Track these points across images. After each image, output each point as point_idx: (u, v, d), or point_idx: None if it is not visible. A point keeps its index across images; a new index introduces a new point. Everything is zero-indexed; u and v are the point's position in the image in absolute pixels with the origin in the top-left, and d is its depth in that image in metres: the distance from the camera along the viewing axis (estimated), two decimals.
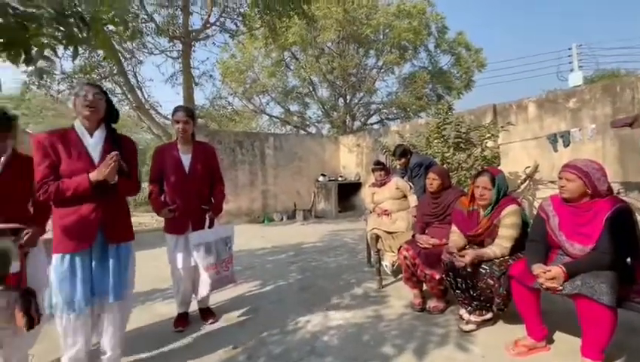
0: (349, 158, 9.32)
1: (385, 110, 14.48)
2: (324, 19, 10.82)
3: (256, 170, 8.28)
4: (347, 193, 8.82)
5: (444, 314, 2.56)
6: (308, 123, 15.34)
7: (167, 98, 31.88)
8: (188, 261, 2.35)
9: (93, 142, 1.73)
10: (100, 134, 1.75)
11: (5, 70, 2.38)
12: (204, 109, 11.43)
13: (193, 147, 2.43)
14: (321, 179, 8.85)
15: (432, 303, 2.59)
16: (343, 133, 11.55)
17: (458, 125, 4.95)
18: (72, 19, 2.31)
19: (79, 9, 2.33)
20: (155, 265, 3.93)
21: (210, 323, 2.54)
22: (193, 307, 2.64)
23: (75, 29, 2.28)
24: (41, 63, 2.53)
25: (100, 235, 1.69)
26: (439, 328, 2.33)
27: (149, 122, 8.53)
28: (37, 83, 8.44)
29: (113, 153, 1.64)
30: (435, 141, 4.95)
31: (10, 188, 1.74)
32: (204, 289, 2.36)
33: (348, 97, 13.56)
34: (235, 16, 8.40)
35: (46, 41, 2.42)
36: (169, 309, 2.81)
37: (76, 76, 8.72)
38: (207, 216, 2.38)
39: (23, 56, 2.32)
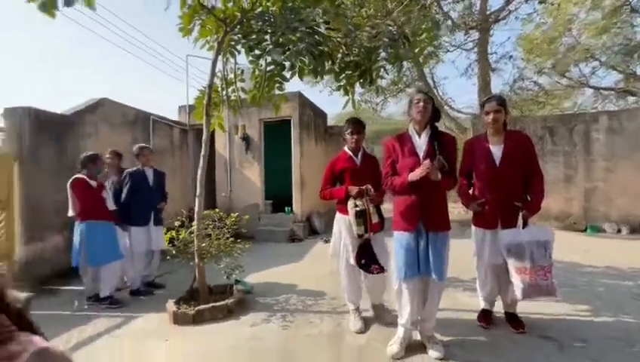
0: None
1: None
2: None
3: (575, 162, 6.43)
4: None
5: None
6: None
7: (460, 91, 32.22)
8: (495, 257, 2.21)
9: (421, 142, 2.04)
10: (425, 134, 2.05)
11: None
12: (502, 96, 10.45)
13: (505, 137, 2.23)
14: None
15: None
16: None
17: None
18: (398, 42, 2.83)
19: (405, 31, 2.79)
20: (455, 254, 4.10)
21: (519, 333, 2.27)
22: (498, 308, 2.48)
23: (402, 48, 2.77)
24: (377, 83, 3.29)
25: (421, 223, 1.98)
26: None
27: (444, 117, 9.02)
28: (365, 100, 11.38)
29: (426, 162, 1.88)
30: None
31: (365, 172, 2.46)
32: (513, 293, 2.14)
33: None
34: None
35: (380, 65, 3.14)
36: (471, 301, 2.82)
37: (388, 88, 10.86)
38: (520, 214, 2.11)
39: (369, 80, 3.15)
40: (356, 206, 2.25)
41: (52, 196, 3.91)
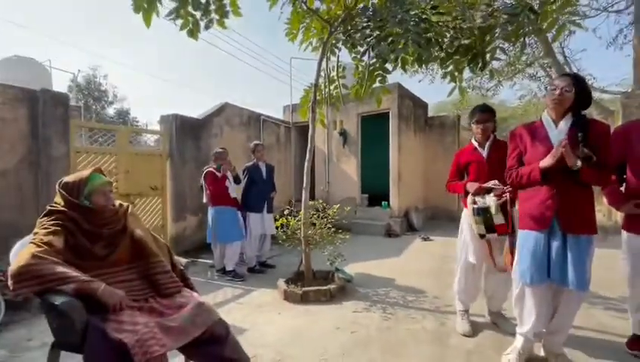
0: None
1: None
2: None
3: None
4: None
5: None
6: None
7: (603, 66, 24.20)
8: None
9: (557, 132, 1.71)
10: (564, 124, 1.70)
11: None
12: None
13: None
14: None
15: None
16: None
17: None
18: (520, 16, 2.48)
19: (528, 1, 2.43)
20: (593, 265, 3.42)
21: None
22: None
23: (526, 21, 2.41)
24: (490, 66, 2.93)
25: (555, 221, 1.68)
26: None
27: None
28: (472, 86, 10.20)
29: (562, 140, 1.59)
30: None
31: (494, 165, 2.19)
32: None
33: None
34: None
35: (496, 45, 2.80)
36: (613, 322, 2.37)
37: (502, 71, 9.49)
38: None
39: (480, 63, 2.85)
40: (475, 203, 2.06)
41: (191, 185, 4.82)
